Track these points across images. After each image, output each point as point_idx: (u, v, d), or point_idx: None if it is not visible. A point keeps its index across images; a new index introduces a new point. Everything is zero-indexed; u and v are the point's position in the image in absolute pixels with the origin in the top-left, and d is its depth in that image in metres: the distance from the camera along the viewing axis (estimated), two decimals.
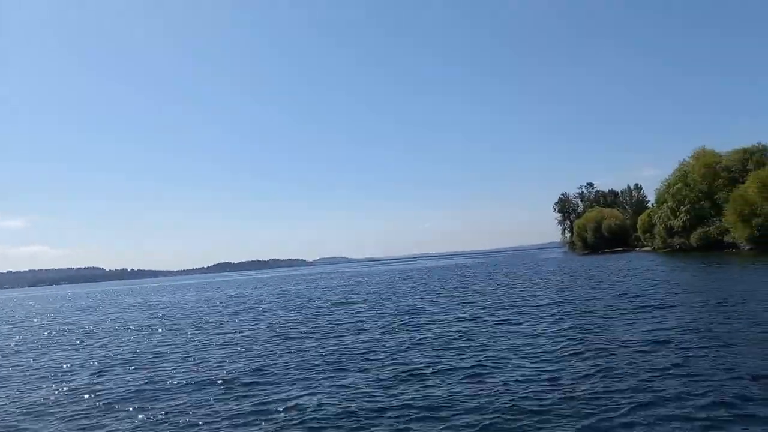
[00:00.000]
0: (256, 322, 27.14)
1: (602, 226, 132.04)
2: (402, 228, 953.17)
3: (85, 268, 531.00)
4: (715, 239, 72.63)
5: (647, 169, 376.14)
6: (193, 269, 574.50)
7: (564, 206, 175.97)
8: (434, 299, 32.54)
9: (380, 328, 21.20)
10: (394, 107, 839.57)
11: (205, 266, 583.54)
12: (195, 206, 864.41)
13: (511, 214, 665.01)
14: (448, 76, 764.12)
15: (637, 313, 20.18)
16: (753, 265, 40.45)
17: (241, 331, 23.65)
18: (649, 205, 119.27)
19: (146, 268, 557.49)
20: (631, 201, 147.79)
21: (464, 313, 24.30)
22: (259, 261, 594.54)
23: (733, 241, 68.20)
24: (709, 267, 43.38)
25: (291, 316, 28.70)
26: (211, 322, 28.82)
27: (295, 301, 40.66)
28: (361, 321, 24.17)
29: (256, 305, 39.54)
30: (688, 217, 78.41)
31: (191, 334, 24.21)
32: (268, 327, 24.60)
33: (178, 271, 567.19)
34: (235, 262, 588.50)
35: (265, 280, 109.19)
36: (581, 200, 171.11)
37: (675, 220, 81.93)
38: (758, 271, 35.04)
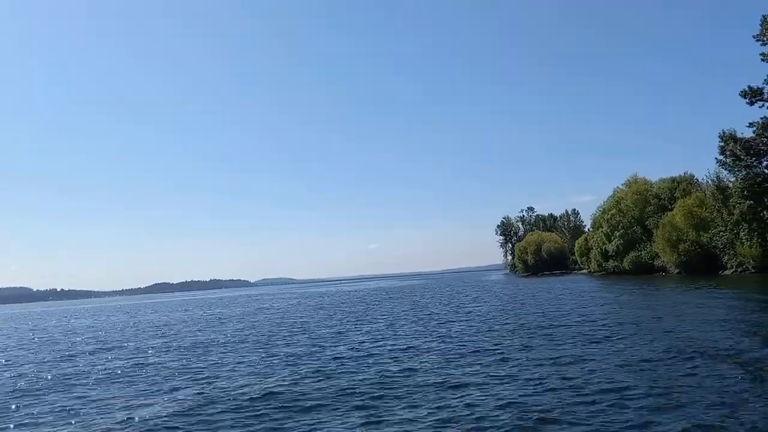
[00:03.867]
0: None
1: (542, 249, 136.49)
2: (348, 249, 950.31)
3: (9, 287, 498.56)
4: (646, 263, 76.34)
5: (584, 195, 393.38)
6: (128, 290, 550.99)
7: (506, 229, 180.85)
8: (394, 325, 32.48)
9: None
10: (339, 125, 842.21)
11: (141, 286, 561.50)
12: (131, 223, 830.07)
13: (456, 236, 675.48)
14: (396, 96, 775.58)
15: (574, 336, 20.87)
16: (681, 289, 42.75)
17: None
18: (586, 229, 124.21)
19: (78, 288, 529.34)
20: (569, 225, 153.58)
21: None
22: (199, 281, 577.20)
23: (662, 265, 71.88)
24: (641, 289, 45.49)
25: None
26: None
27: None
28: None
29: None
30: (622, 241, 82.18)
31: None
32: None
33: (112, 292, 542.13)
34: (174, 283, 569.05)
35: (191, 302, 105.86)
36: (522, 224, 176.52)
37: (609, 244, 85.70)
38: (684, 294, 37.07)
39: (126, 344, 28.94)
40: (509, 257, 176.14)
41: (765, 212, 50.04)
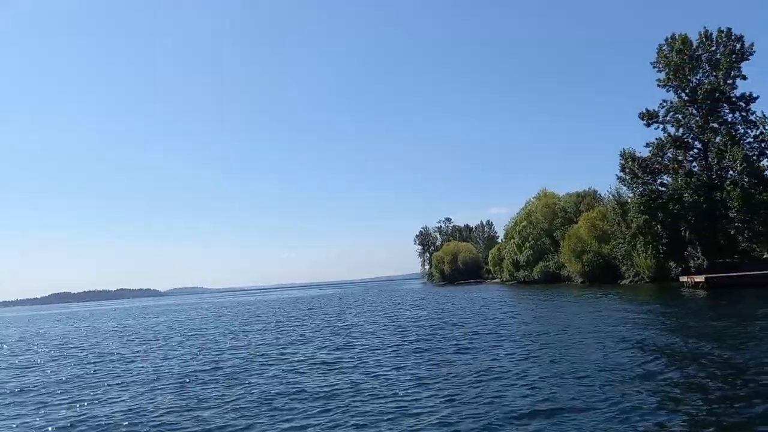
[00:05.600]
0: None
1: (458, 258, 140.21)
2: (266, 257, 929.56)
3: None
4: (554, 272, 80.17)
5: (499, 207, 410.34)
6: (22, 300, 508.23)
7: (424, 239, 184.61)
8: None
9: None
10: (255, 135, 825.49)
11: (38, 297, 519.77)
12: (24, 227, 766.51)
13: (375, 245, 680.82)
14: (312, 110, 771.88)
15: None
16: (580, 296, 45.09)
17: None
18: (499, 240, 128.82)
19: None
20: (484, 236, 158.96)
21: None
22: (104, 291, 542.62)
23: (568, 275, 75.69)
24: (546, 297, 47.57)
25: None
26: None
27: None
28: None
29: None
30: (532, 252, 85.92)
31: None
32: None
33: (2, 302, 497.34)
34: (76, 292, 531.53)
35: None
36: (440, 234, 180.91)
37: (520, 254, 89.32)
38: (576, 301, 39.10)
39: None
40: (427, 266, 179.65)
41: (658, 226, 53.85)
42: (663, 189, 55.58)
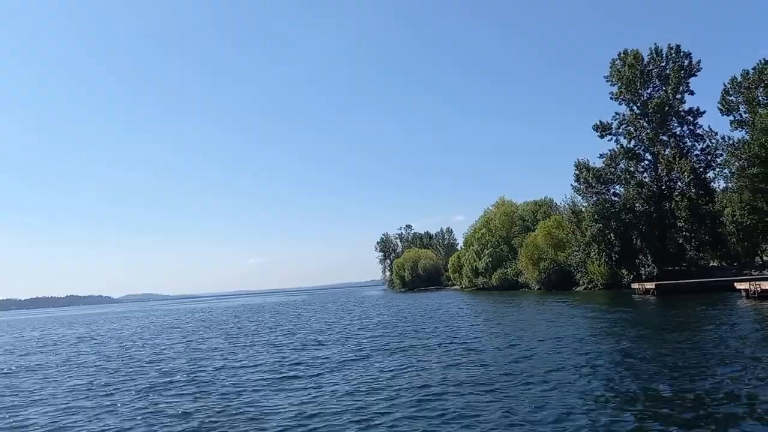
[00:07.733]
0: None
1: (419, 265, 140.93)
2: (226, 263, 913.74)
3: None
4: (512, 279, 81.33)
5: (459, 214, 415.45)
6: None
7: (385, 246, 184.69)
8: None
9: None
10: (211, 145, 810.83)
11: None
12: None
13: (336, 252, 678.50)
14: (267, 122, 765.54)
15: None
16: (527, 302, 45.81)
17: None
18: (459, 247, 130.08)
19: None
20: (444, 243, 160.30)
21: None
22: (52, 298, 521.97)
23: (525, 281, 76.92)
24: (502, 304, 48.18)
25: None
26: None
27: None
28: None
29: None
30: (490, 259, 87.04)
31: None
32: None
33: None
34: (22, 299, 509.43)
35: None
36: (401, 241, 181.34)
37: (479, 261, 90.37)
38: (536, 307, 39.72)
39: None
40: (388, 273, 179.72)
41: (611, 235, 55.33)
42: (616, 199, 57.15)
